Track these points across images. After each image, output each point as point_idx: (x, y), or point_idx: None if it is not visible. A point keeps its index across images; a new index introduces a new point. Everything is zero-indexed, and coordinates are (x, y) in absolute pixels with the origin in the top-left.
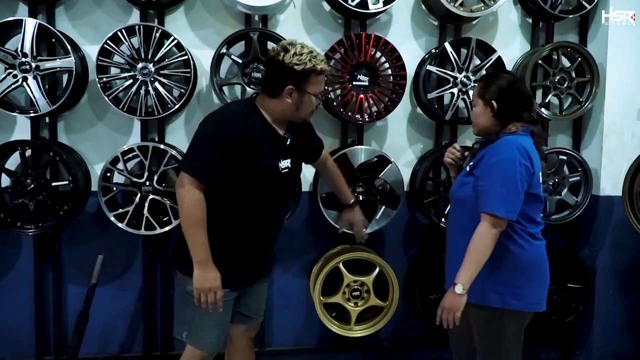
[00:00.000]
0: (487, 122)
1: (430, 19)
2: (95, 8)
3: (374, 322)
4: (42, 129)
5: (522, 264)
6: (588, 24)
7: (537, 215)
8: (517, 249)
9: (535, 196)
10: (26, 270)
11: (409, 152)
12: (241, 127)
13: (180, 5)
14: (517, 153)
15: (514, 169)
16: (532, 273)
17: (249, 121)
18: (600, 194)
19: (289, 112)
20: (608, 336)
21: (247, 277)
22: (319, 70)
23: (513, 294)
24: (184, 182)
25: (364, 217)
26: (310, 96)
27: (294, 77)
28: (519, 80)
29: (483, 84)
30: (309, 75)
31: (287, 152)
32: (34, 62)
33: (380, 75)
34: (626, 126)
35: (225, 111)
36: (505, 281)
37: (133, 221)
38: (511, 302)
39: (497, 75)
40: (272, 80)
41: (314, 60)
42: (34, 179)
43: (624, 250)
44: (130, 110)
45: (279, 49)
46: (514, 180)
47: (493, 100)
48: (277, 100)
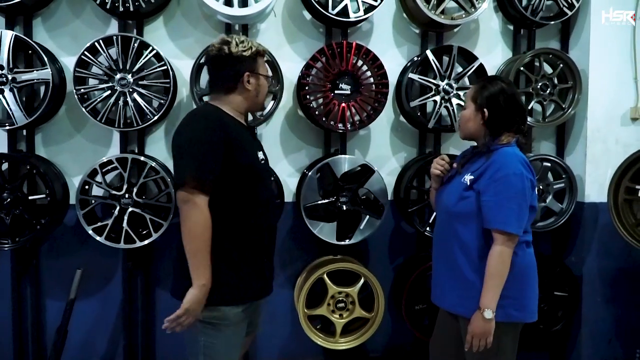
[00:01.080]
0: (475, 128)
1: (412, 27)
2: (74, 19)
3: (360, 333)
4: (20, 141)
5: (518, 271)
6: (570, 30)
7: (529, 225)
8: (515, 258)
9: (532, 207)
10: (4, 284)
11: (393, 160)
12: (224, 125)
13: (160, 15)
14: (522, 167)
15: (522, 184)
16: (527, 280)
17: (224, 119)
18: (586, 201)
19: (251, 100)
20: (596, 344)
21: (266, 284)
22: (262, 52)
23: (513, 305)
24: (190, 199)
25: None
26: (263, 79)
27: (247, 63)
28: (514, 90)
29: (478, 88)
30: (256, 58)
31: (259, 143)
32: (10, 74)
33: (363, 83)
34: (610, 132)
35: (201, 114)
36: (504, 293)
37: (112, 234)
38: (512, 313)
39: (494, 81)
40: (226, 76)
41: (255, 43)
42: (10, 192)
43: (610, 257)
44: (108, 121)
45: (218, 46)
46: (522, 196)
47: (485, 108)
48: (236, 93)
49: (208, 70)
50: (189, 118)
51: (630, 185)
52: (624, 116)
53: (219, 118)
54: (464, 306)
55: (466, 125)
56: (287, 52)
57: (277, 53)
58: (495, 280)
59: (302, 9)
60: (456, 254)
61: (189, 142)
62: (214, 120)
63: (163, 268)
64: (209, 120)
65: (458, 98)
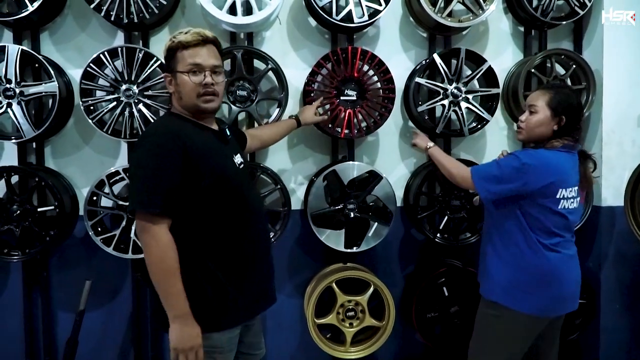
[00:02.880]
0: (546, 133)
1: (419, 30)
2: (80, 32)
3: (370, 343)
4: (29, 154)
5: (527, 270)
6: (582, 30)
7: (553, 227)
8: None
9: (549, 209)
10: (15, 296)
11: (402, 166)
12: (180, 136)
13: (165, 26)
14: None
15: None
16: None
17: (186, 130)
18: (602, 205)
19: (181, 102)
20: (615, 353)
21: (256, 304)
22: (182, 43)
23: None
24: (144, 226)
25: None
26: (181, 75)
27: (168, 63)
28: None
29: (554, 94)
30: (175, 54)
31: (233, 146)
32: (18, 87)
33: (369, 89)
34: (626, 134)
35: (159, 128)
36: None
37: (121, 245)
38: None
39: (571, 90)
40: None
41: (179, 37)
42: (19, 204)
43: (628, 263)
44: (115, 132)
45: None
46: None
47: (563, 116)
48: (174, 97)
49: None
50: (144, 134)
51: None
52: (639, 117)
53: (173, 129)
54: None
55: (538, 129)
56: (293, 59)
57: (283, 60)
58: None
59: (307, 15)
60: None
61: (136, 165)
62: (166, 133)
63: None
64: (160, 137)
65: (467, 102)
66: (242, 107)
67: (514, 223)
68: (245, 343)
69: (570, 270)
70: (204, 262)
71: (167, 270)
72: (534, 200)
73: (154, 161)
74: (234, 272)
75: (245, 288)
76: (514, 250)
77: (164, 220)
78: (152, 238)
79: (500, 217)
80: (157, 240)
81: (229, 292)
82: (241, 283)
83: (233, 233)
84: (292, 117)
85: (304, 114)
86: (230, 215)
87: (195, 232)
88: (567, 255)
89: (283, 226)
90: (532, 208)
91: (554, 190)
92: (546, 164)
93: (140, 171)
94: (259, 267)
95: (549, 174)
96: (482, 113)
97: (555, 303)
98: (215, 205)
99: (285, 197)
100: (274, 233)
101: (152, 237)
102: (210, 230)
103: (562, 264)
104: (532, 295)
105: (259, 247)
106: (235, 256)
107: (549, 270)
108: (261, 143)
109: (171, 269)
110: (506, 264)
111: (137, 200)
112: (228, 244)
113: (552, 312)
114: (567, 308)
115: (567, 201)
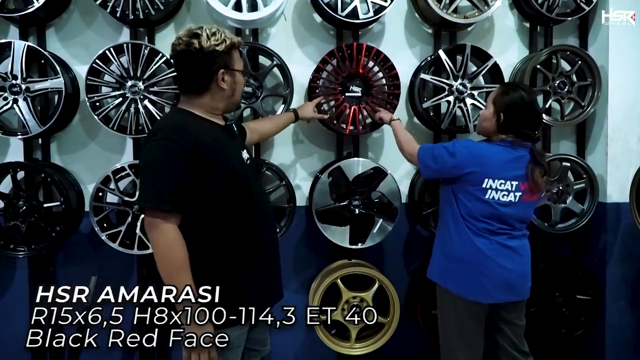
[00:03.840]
0: (490, 128)
1: (425, 27)
2: (86, 28)
3: (375, 339)
4: (35, 150)
5: (453, 254)
6: (588, 26)
7: (479, 215)
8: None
9: (475, 196)
10: (21, 292)
11: (407, 163)
12: (191, 132)
13: (170, 22)
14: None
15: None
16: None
17: (195, 126)
18: (608, 201)
19: (226, 100)
20: (620, 350)
21: (266, 299)
22: (237, 44)
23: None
24: (154, 222)
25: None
26: (239, 74)
27: (221, 58)
28: (534, 98)
29: (500, 92)
30: (230, 52)
31: (240, 141)
32: (24, 83)
33: (374, 85)
34: (631, 131)
35: (167, 124)
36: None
37: (127, 241)
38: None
39: (515, 88)
40: (197, 74)
41: (228, 34)
42: (26, 200)
43: (634, 259)
44: (121, 128)
45: (186, 39)
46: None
47: (501, 113)
48: (209, 93)
49: (175, 67)
50: (151, 131)
51: None
52: None
53: (185, 126)
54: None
55: (482, 124)
56: (298, 56)
57: (288, 57)
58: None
59: (312, 11)
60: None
61: (145, 161)
62: (174, 132)
63: None
64: (168, 133)
65: (472, 98)
66: (247, 103)
67: (448, 207)
68: (251, 339)
69: (502, 258)
70: (216, 258)
71: (175, 266)
72: (463, 186)
73: (163, 157)
74: (245, 266)
75: (256, 282)
76: (445, 233)
77: (173, 217)
78: (160, 233)
79: (442, 202)
80: (165, 236)
81: (241, 285)
82: (253, 277)
83: (242, 228)
84: (291, 111)
85: (303, 109)
86: (238, 210)
87: (205, 227)
88: (498, 243)
89: (288, 222)
90: (461, 193)
91: (478, 179)
92: (473, 153)
93: (150, 167)
94: (269, 262)
95: (473, 162)
96: None
97: (488, 289)
98: (225, 201)
99: (290, 194)
100: (279, 229)
101: (159, 232)
102: (220, 226)
103: (490, 251)
104: (461, 279)
105: (267, 241)
106: (245, 251)
107: (473, 253)
108: (260, 136)
109: (179, 264)
110: (442, 246)
111: (145, 196)
112: (238, 238)
113: (485, 298)
114: (505, 297)
115: (497, 192)
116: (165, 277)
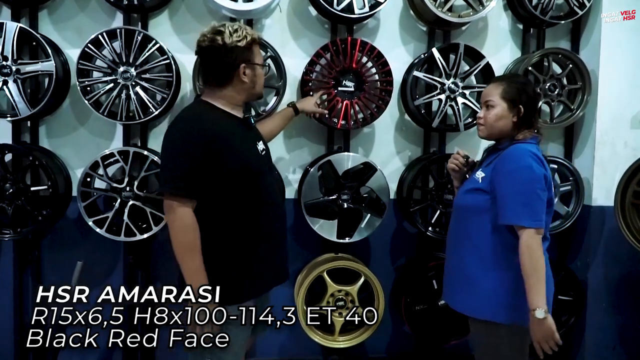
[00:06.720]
0: (507, 127)
1: (419, 24)
2: (79, 12)
3: (359, 332)
4: (24, 133)
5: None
6: (580, 30)
7: (545, 230)
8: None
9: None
10: (6, 275)
11: (397, 159)
12: (212, 125)
13: (165, 9)
14: (532, 160)
15: (530, 177)
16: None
17: (214, 117)
18: (593, 204)
19: (247, 92)
20: (600, 350)
21: (270, 279)
22: (257, 39)
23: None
24: (170, 206)
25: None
26: (259, 68)
27: (242, 53)
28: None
29: (507, 86)
30: (251, 47)
31: (256, 133)
32: (14, 65)
33: (367, 81)
34: (619, 135)
35: (188, 114)
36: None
37: (114, 227)
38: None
39: (523, 79)
40: (220, 68)
41: (250, 31)
42: (13, 183)
43: (616, 262)
44: (111, 114)
45: (210, 36)
46: (532, 188)
47: (521, 105)
48: (232, 86)
49: (200, 62)
50: (174, 121)
51: (637, 189)
52: (633, 119)
53: (206, 118)
54: (467, 303)
55: (497, 124)
56: (292, 48)
57: (282, 49)
58: (532, 278)
59: (307, 4)
60: (465, 251)
61: (165, 149)
62: (199, 121)
63: (163, 263)
64: (188, 123)
65: (463, 97)
66: None
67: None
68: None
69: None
70: (226, 240)
71: (188, 247)
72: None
73: (181, 146)
74: (259, 252)
75: (266, 262)
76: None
77: (188, 202)
78: (175, 216)
79: (489, 220)
80: (180, 219)
81: (253, 264)
82: (264, 262)
83: (253, 215)
84: (289, 105)
85: (305, 103)
86: (255, 200)
87: (221, 213)
88: (546, 256)
89: None
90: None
91: (550, 184)
92: (541, 156)
93: (169, 155)
94: (279, 246)
95: (547, 166)
96: (478, 109)
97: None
98: (236, 190)
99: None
100: None
101: (175, 215)
102: (234, 212)
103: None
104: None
105: (271, 232)
106: (260, 239)
107: (548, 275)
108: (268, 133)
109: (191, 246)
110: (506, 276)
111: (163, 181)
112: (249, 225)
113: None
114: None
115: (551, 195)
116: (178, 257)
